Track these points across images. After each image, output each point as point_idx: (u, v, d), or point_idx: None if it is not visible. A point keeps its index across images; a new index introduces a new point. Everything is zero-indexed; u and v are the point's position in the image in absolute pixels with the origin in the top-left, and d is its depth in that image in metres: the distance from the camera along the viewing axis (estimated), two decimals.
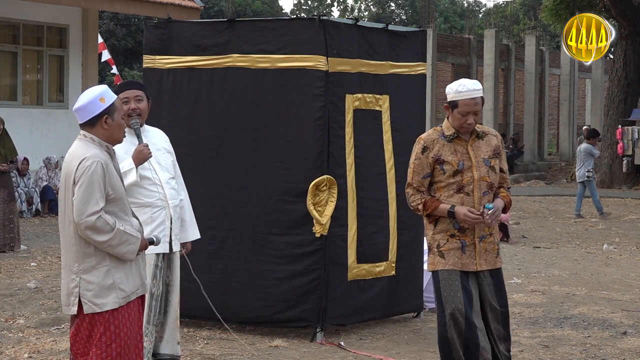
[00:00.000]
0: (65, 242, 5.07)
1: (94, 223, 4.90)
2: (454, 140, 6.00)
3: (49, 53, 21.43)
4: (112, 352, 4.99)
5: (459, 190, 5.95)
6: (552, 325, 8.69)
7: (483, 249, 5.99)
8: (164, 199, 6.38)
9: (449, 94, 6.00)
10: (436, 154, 5.97)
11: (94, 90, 5.11)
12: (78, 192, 4.92)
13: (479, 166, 5.97)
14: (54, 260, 12.09)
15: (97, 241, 4.94)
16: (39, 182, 17.72)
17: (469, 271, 5.97)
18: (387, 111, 8.31)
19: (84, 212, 4.90)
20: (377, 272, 8.16)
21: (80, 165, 4.94)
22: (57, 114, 21.15)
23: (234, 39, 8.04)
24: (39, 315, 8.70)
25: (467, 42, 33.64)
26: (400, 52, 8.54)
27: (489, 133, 6.14)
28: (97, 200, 4.91)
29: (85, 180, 4.91)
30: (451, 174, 5.95)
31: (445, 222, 5.97)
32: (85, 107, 5.04)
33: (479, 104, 5.94)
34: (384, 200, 8.25)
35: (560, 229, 17.42)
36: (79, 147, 5.05)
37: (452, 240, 5.97)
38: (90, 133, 5.07)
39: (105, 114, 5.05)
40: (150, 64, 8.36)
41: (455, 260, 5.95)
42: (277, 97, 7.89)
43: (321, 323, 7.81)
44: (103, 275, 4.98)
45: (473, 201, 5.94)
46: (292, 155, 7.84)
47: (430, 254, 6.05)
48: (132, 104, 6.36)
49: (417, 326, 8.58)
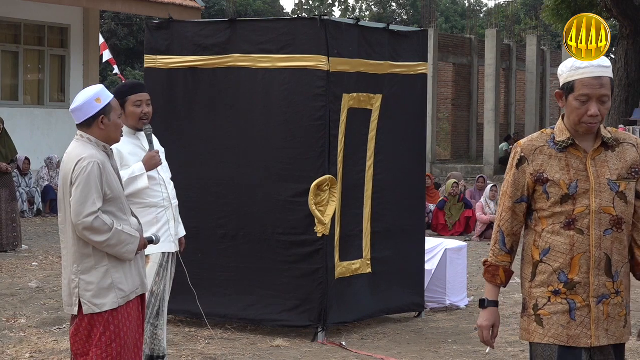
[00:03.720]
0: (65, 243, 5.08)
1: (92, 223, 4.89)
2: (568, 150, 4.09)
3: (51, 53, 21.45)
4: (113, 352, 4.99)
5: (569, 226, 4.03)
6: None
7: (603, 314, 4.05)
8: (167, 199, 6.40)
9: (562, 74, 4.32)
10: (538, 170, 4.10)
11: (90, 90, 5.10)
12: (75, 193, 4.91)
13: (600, 191, 4.03)
14: (55, 260, 12.09)
15: (95, 241, 4.93)
16: (41, 182, 17.73)
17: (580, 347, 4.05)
18: (377, 110, 8.31)
19: (81, 212, 4.90)
20: (353, 269, 8.17)
21: (77, 166, 4.94)
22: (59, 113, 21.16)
23: (235, 39, 8.05)
24: (40, 315, 8.70)
25: (469, 42, 33.62)
26: (401, 52, 8.54)
27: (626, 141, 4.16)
28: (94, 201, 4.91)
29: (82, 180, 4.91)
30: (558, 200, 4.05)
31: (546, 272, 4.07)
32: (81, 107, 5.04)
33: (606, 86, 4.11)
34: (360, 198, 8.26)
35: None
36: (76, 148, 5.06)
37: (555, 300, 4.06)
38: (87, 133, 5.06)
39: (101, 114, 5.04)
40: (152, 64, 8.37)
41: (559, 330, 4.04)
42: (278, 97, 7.90)
43: (322, 323, 7.81)
44: (102, 276, 4.98)
45: (589, 244, 4.02)
46: (293, 155, 7.84)
47: (524, 314, 4.18)
48: (144, 107, 6.33)
49: (419, 326, 8.58)
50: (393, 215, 8.51)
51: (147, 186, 6.23)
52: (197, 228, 7.91)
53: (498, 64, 30.75)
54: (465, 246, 9.85)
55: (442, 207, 16.13)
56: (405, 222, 8.64)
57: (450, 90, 33.46)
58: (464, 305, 9.44)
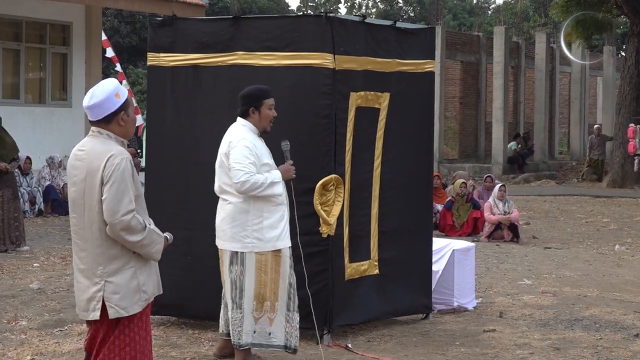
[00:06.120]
0: (85, 245, 4.94)
1: (129, 222, 4.80)
2: None
3: (52, 51, 21.46)
4: (126, 356, 4.93)
5: None
6: (563, 327, 8.66)
7: None
8: (286, 198, 6.98)
9: None
10: None
11: (108, 85, 4.99)
12: (110, 191, 4.80)
13: None
14: (57, 260, 12.09)
15: (130, 241, 4.84)
16: (42, 181, 17.72)
17: None
18: (385, 109, 8.31)
19: (117, 211, 4.80)
20: (362, 270, 8.17)
21: (109, 163, 4.83)
22: (60, 112, 21.18)
23: (239, 36, 8.03)
24: (41, 317, 8.70)
25: (477, 39, 33.59)
26: (408, 50, 8.53)
27: None
28: (130, 199, 4.83)
29: (117, 178, 4.81)
30: None
31: None
32: (102, 103, 4.93)
33: None
34: (368, 198, 8.25)
35: (572, 229, 17.38)
36: (98, 144, 4.93)
37: None
38: (105, 130, 4.96)
39: (121, 110, 4.96)
40: (155, 62, 8.36)
41: None
42: (283, 96, 7.87)
43: (328, 325, 7.80)
44: (129, 277, 4.90)
45: None
46: (298, 153, 7.82)
47: None
48: (274, 111, 6.98)
49: (426, 328, 8.57)
50: (400, 216, 8.49)
51: (282, 194, 6.87)
52: (200, 228, 7.89)
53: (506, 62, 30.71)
54: (473, 247, 9.83)
55: (449, 208, 16.10)
56: (412, 223, 8.63)
57: (458, 89, 33.42)
58: (472, 307, 9.42)
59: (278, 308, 6.81)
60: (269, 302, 6.80)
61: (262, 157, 6.84)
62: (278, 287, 6.81)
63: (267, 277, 6.79)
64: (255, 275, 6.78)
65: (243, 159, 6.74)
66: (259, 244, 6.78)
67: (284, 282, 6.83)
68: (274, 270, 6.80)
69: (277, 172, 6.87)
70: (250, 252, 6.78)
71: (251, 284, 6.80)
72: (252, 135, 6.91)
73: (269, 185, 6.76)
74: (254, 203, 6.79)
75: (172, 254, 7.46)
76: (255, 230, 6.78)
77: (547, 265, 12.65)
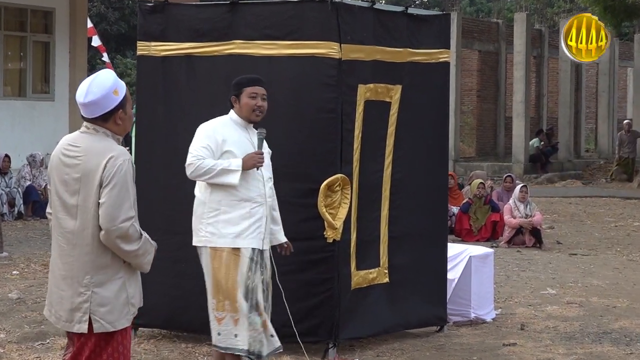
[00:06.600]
0: (73, 251, 4.92)
1: (127, 230, 4.80)
2: None
3: (33, 39, 21.47)
4: None
5: None
6: (590, 340, 8.66)
7: None
8: (263, 195, 6.90)
9: None
10: None
11: (105, 80, 4.95)
12: (110, 195, 4.79)
13: None
14: (38, 268, 12.10)
15: (124, 250, 4.84)
16: (22, 181, 17.72)
17: None
18: (396, 103, 8.31)
19: (117, 217, 4.78)
20: (370, 278, 8.17)
21: (110, 164, 4.81)
22: (42, 106, 21.19)
23: (237, 24, 8.03)
24: (21, 329, 8.70)
25: (495, 27, 33.58)
26: (420, 38, 8.53)
27: None
28: (130, 205, 4.82)
29: (118, 181, 4.79)
30: None
31: None
32: (98, 101, 4.90)
33: None
34: (378, 200, 8.25)
35: (599, 234, 17.37)
36: (96, 142, 4.91)
37: None
38: (102, 127, 4.95)
39: (119, 108, 4.94)
40: (145, 51, 8.36)
41: None
42: (284, 88, 7.88)
43: (334, 338, 7.80)
44: (117, 289, 4.89)
45: None
46: (301, 151, 7.82)
47: None
48: (259, 101, 6.96)
49: (440, 342, 8.56)
50: (412, 219, 8.49)
51: (235, 184, 6.78)
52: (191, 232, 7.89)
53: (528, 51, 30.69)
54: (491, 253, 9.83)
55: (466, 210, 16.10)
56: (425, 227, 8.62)
57: (475, 80, 33.43)
58: (491, 318, 9.42)
59: (239, 309, 6.78)
60: (228, 302, 6.79)
61: (225, 145, 6.86)
62: (236, 287, 6.77)
63: (222, 274, 6.78)
64: (211, 272, 6.83)
65: (196, 142, 6.92)
66: (213, 238, 6.82)
67: (241, 284, 6.78)
68: (231, 268, 6.78)
69: (237, 161, 6.79)
70: (204, 247, 6.87)
71: (209, 280, 6.87)
72: (228, 123, 6.99)
73: (219, 172, 6.75)
74: (211, 195, 6.87)
75: (163, 261, 7.45)
76: (209, 223, 6.84)
77: (573, 273, 12.65)
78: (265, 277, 6.94)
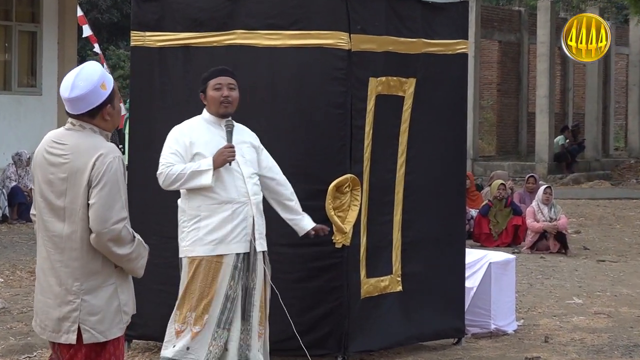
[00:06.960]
0: (61, 256, 4.91)
1: (120, 233, 4.81)
2: None
3: (19, 29, 21.50)
4: None
5: None
6: (619, 354, 8.66)
7: None
8: (246, 194, 6.86)
9: None
10: None
11: (92, 74, 4.96)
12: (100, 195, 4.80)
13: None
14: (24, 275, 12.12)
15: (116, 254, 4.85)
16: (7, 182, 17.76)
17: None
18: (410, 97, 8.31)
19: (108, 218, 4.80)
20: (382, 287, 8.17)
21: (99, 162, 4.82)
22: (29, 101, 21.20)
23: (238, 12, 8.04)
24: (6, 341, 8.72)
25: (517, 15, 33.55)
26: (436, 28, 8.53)
27: None
28: (122, 205, 4.84)
29: (108, 180, 4.81)
30: None
31: None
32: (85, 97, 4.91)
33: None
34: (390, 202, 8.25)
35: (629, 239, 17.36)
36: (83, 139, 4.92)
37: None
38: (89, 123, 4.96)
39: (108, 103, 4.96)
40: (139, 42, 8.38)
41: None
42: (289, 81, 7.89)
43: (343, 350, 7.81)
44: (109, 296, 4.90)
45: None
46: (307, 149, 7.83)
47: None
48: (224, 91, 6.95)
49: (458, 355, 8.57)
50: (427, 223, 8.49)
51: (209, 185, 6.76)
52: None
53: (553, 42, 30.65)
54: (513, 259, 9.83)
55: (485, 213, 16.10)
56: (441, 231, 8.62)
57: (495, 73, 33.40)
58: (512, 330, 9.42)
59: (206, 322, 6.79)
60: (194, 314, 6.80)
61: (193, 147, 6.87)
62: (212, 298, 6.79)
63: (197, 284, 6.80)
64: (185, 283, 6.84)
65: (165, 149, 6.95)
66: (192, 246, 6.84)
67: (219, 294, 6.79)
68: (209, 277, 6.79)
69: (207, 160, 6.79)
70: (184, 257, 6.89)
71: (180, 291, 6.87)
72: (198, 124, 7.02)
73: (190, 176, 6.76)
74: (189, 202, 6.90)
75: (159, 267, 7.48)
76: (190, 231, 6.86)
77: (601, 281, 12.64)
78: (250, 283, 6.89)
